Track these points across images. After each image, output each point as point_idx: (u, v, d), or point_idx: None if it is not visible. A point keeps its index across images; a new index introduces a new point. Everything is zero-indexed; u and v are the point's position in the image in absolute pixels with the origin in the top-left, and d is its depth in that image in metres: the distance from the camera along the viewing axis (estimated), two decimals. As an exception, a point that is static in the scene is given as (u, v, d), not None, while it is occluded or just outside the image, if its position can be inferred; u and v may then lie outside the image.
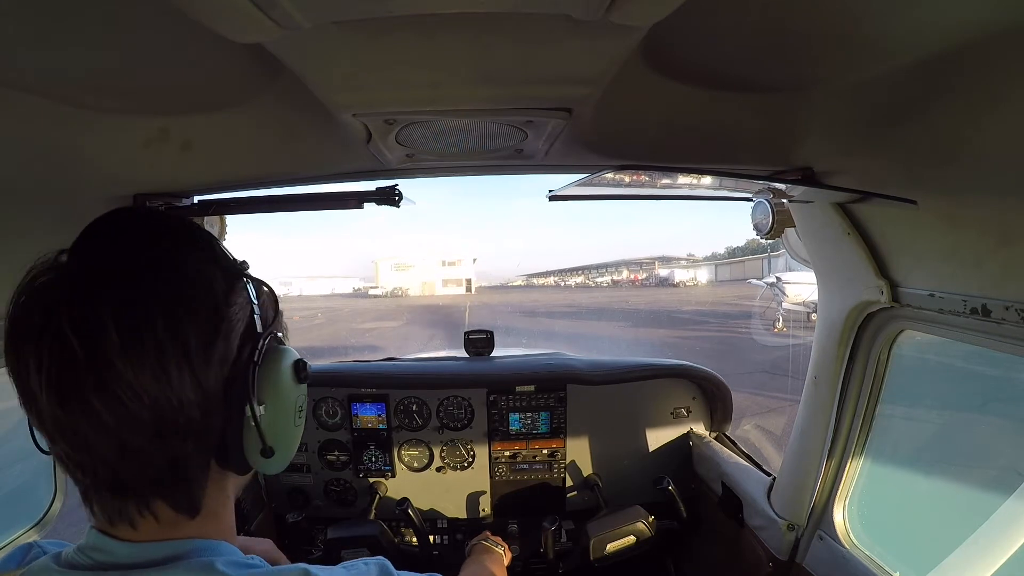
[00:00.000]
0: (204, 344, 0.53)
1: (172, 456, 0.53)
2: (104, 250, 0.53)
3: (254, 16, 0.54)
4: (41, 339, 0.48)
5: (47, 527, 1.56)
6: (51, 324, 0.48)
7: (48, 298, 0.49)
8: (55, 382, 0.48)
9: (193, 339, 0.52)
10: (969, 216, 0.88)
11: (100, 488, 0.52)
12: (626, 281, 65.75)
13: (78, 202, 1.11)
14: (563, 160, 1.28)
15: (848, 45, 0.73)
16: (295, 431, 0.65)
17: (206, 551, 0.55)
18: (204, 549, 0.55)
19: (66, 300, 0.49)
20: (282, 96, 0.84)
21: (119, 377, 0.48)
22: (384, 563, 0.65)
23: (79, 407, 0.48)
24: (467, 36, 0.67)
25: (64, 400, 0.48)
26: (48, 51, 0.61)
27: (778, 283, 15.58)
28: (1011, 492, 1.16)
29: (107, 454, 0.50)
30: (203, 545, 0.55)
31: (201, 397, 0.52)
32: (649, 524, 1.66)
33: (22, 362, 0.49)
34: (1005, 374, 1.30)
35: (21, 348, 0.49)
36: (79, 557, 0.54)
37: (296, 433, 0.65)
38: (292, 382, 0.62)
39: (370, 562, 0.65)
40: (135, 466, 0.51)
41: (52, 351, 0.47)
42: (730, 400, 2.10)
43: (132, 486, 0.52)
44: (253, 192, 1.34)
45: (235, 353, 0.56)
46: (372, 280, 75.33)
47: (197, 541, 0.55)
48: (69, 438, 0.49)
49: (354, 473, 2.07)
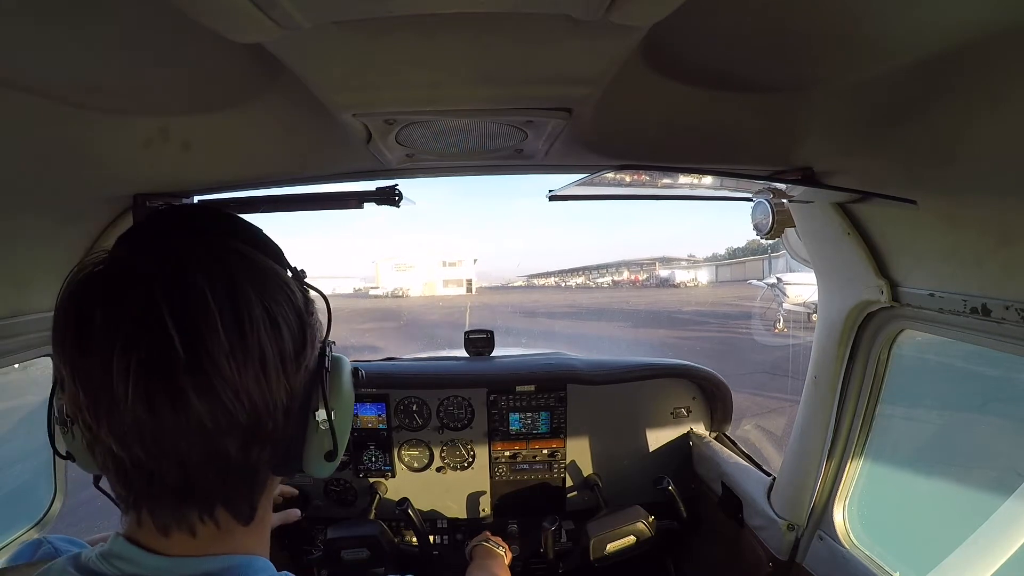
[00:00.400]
0: (296, 350, 0.53)
1: (253, 462, 0.52)
2: (191, 242, 0.51)
3: (254, 16, 0.54)
4: (133, 336, 0.45)
5: (47, 527, 1.56)
6: (147, 317, 0.45)
7: (140, 287, 0.46)
8: (146, 383, 0.45)
9: (288, 344, 0.52)
10: (969, 216, 0.88)
11: (163, 495, 0.50)
12: (626, 282, 65.72)
13: (78, 202, 1.11)
14: (563, 160, 1.28)
15: (848, 45, 0.73)
16: (348, 435, 0.66)
17: (241, 568, 0.53)
18: (239, 567, 0.53)
19: (165, 292, 0.46)
20: (282, 96, 0.84)
21: (224, 378, 0.46)
22: None
23: (173, 411, 0.45)
24: (467, 36, 0.67)
25: (155, 404, 0.45)
26: (48, 51, 0.61)
27: (778, 284, 15.59)
28: (1011, 492, 1.16)
29: (190, 459, 0.48)
30: (238, 562, 0.53)
31: (289, 402, 0.53)
32: (649, 524, 1.65)
33: (98, 362, 0.45)
34: (1005, 374, 1.30)
35: (101, 346, 0.45)
36: (102, 565, 0.51)
37: (348, 437, 0.66)
38: (351, 388, 0.64)
39: None
40: (214, 472, 0.49)
41: (148, 350, 0.45)
42: (730, 400, 2.10)
43: (202, 493, 0.50)
44: (253, 192, 1.34)
45: (316, 359, 0.57)
46: (372, 280, 75.30)
47: (233, 557, 0.53)
48: (147, 443, 0.46)
49: (354, 473, 2.06)
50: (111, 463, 0.49)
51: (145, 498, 0.50)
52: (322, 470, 0.60)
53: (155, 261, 0.48)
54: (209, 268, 0.48)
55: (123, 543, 0.52)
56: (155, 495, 0.50)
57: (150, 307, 0.45)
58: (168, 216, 0.55)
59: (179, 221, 0.55)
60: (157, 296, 0.45)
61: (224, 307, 0.47)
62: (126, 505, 0.51)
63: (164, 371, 0.45)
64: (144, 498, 0.50)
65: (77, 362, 0.47)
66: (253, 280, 0.50)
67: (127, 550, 0.51)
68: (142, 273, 0.47)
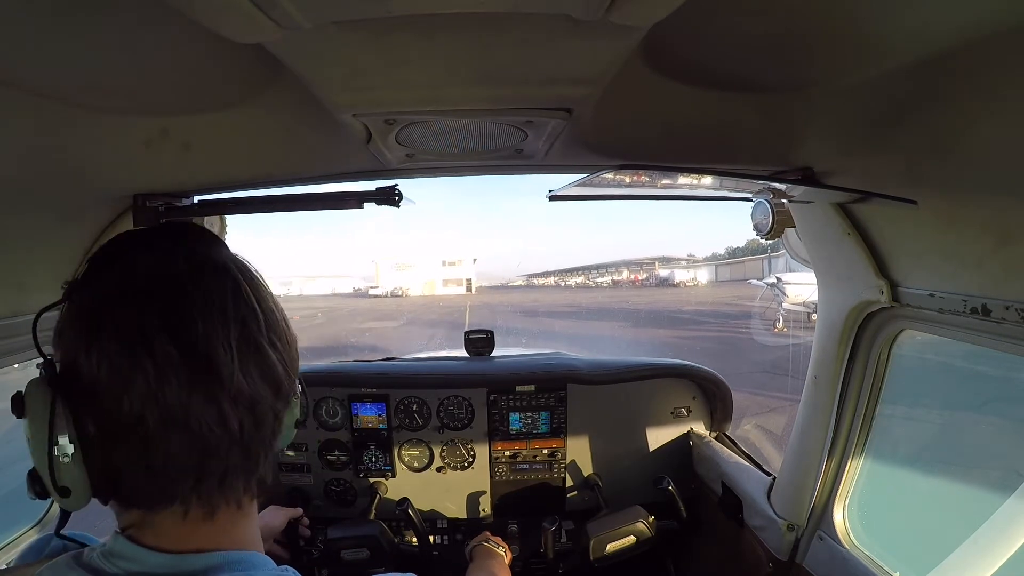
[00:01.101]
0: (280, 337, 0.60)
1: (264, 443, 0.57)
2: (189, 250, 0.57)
3: (254, 16, 0.54)
4: (225, 313, 0.53)
5: (47, 527, 1.56)
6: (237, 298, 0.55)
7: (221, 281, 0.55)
8: (243, 355, 0.53)
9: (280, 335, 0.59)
10: (969, 216, 0.88)
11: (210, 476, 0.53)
12: (626, 281, 65.73)
13: (78, 202, 1.11)
14: (563, 160, 1.28)
15: (848, 45, 0.73)
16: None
17: (244, 563, 0.54)
18: (239, 562, 0.54)
19: (240, 274, 0.57)
20: (282, 96, 0.84)
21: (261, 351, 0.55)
22: None
23: (262, 375, 0.54)
24: (467, 36, 0.67)
25: (249, 371, 0.53)
26: (48, 51, 0.61)
27: (778, 283, 15.59)
28: (1011, 492, 1.16)
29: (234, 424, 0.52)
30: (238, 557, 0.54)
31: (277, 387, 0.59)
32: (649, 524, 1.65)
33: (196, 344, 0.50)
34: (1005, 374, 1.30)
35: (192, 327, 0.51)
36: (103, 563, 0.52)
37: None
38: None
39: None
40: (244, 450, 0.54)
41: (241, 323, 0.53)
42: (730, 400, 2.10)
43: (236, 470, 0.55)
44: (253, 192, 1.34)
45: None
46: (372, 280, 75.35)
47: (232, 553, 0.54)
48: (242, 415, 0.52)
49: (354, 473, 2.06)
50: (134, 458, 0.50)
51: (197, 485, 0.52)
52: (287, 439, 0.66)
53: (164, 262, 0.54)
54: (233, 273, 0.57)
55: (124, 542, 0.52)
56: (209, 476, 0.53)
57: (239, 292, 0.55)
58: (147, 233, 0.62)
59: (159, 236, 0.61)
60: (239, 283, 0.56)
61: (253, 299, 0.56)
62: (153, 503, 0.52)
63: (253, 343, 0.54)
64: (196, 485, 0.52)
65: (168, 355, 0.49)
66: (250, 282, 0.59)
67: (128, 548, 0.52)
68: (223, 263, 0.57)
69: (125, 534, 0.53)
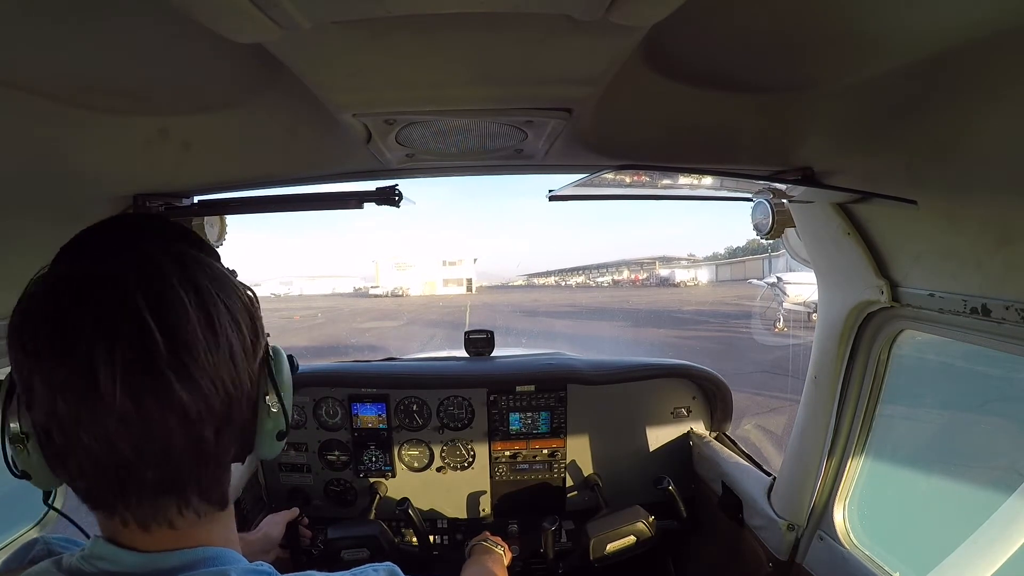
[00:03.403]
0: (252, 342, 0.57)
1: (223, 447, 0.55)
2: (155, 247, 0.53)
3: (254, 16, 0.54)
4: (115, 333, 0.46)
5: (47, 527, 1.56)
6: (127, 314, 0.47)
7: (116, 287, 0.48)
8: (132, 378, 0.47)
9: (247, 337, 0.56)
10: (969, 215, 0.88)
11: (143, 491, 0.51)
12: (627, 281, 65.75)
13: (78, 202, 1.11)
14: (563, 160, 1.28)
15: (848, 45, 0.73)
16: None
17: (217, 560, 0.55)
18: (215, 558, 0.55)
19: (142, 290, 0.48)
20: (282, 96, 0.84)
21: (200, 367, 0.50)
22: (393, 568, 0.65)
23: (157, 402, 0.48)
24: (467, 36, 0.67)
25: (140, 397, 0.47)
26: (48, 51, 0.61)
27: (779, 283, 15.58)
28: (1011, 492, 1.16)
29: (172, 448, 0.50)
30: (213, 554, 0.55)
31: (250, 389, 0.57)
32: (649, 524, 1.65)
33: (81, 360, 0.46)
34: (1005, 374, 1.30)
35: (85, 343, 0.46)
36: (82, 565, 0.52)
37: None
38: (289, 374, 0.68)
39: (379, 567, 0.65)
40: (191, 459, 0.52)
41: (129, 346, 0.47)
42: (730, 400, 2.10)
43: (180, 483, 0.52)
44: (253, 192, 1.34)
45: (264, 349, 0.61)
46: (372, 280, 75.35)
47: (208, 549, 0.55)
48: (134, 437, 0.48)
49: (354, 473, 2.07)
50: (89, 467, 0.49)
51: (125, 496, 0.51)
52: (272, 450, 0.64)
53: (125, 264, 0.50)
54: (176, 270, 0.52)
55: (103, 544, 0.53)
56: (135, 491, 0.51)
57: (129, 307, 0.48)
58: (113, 224, 0.57)
59: (125, 228, 0.58)
60: (135, 296, 0.48)
61: (196, 305, 0.51)
62: (103, 507, 0.52)
63: (149, 366, 0.47)
64: (123, 496, 0.51)
65: (56, 366, 0.47)
66: (212, 281, 0.54)
67: (106, 550, 0.53)
68: (116, 275, 0.49)
69: (104, 535, 0.54)
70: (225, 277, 0.57)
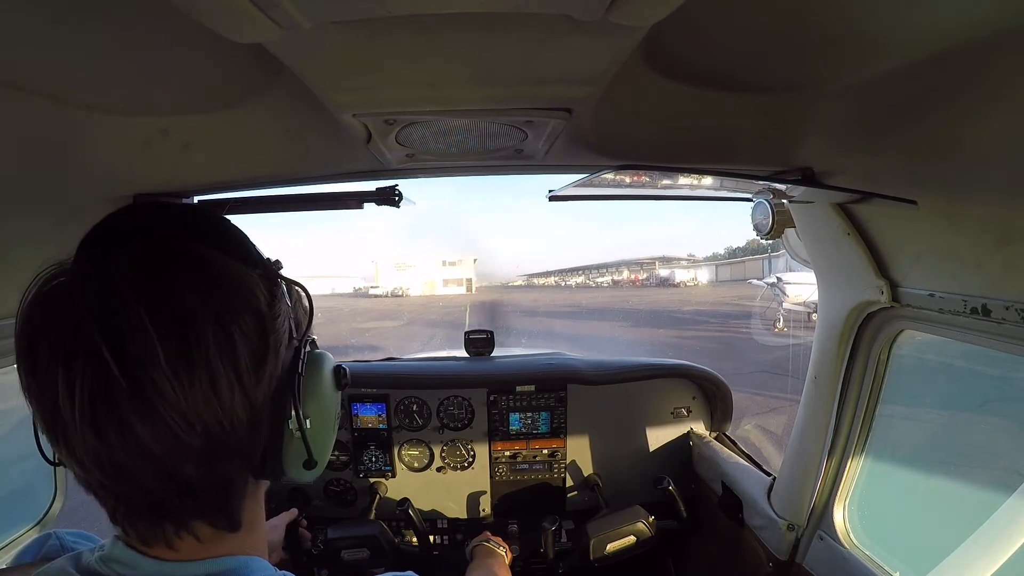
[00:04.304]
0: (256, 361, 0.49)
1: (219, 478, 0.50)
2: (131, 254, 0.46)
3: (254, 16, 0.54)
4: (72, 361, 0.42)
5: (47, 527, 1.57)
6: (82, 342, 0.42)
7: (72, 310, 0.43)
8: (91, 411, 0.42)
9: (244, 356, 0.47)
10: (969, 215, 0.88)
11: (134, 512, 0.49)
12: (627, 281, 65.73)
13: (78, 202, 1.11)
14: (563, 160, 1.28)
15: (848, 45, 0.73)
16: (332, 439, 0.62)
17: (241, 569, 0.52)
18: (238, 568, 0.52)
19: (96, 314, 0.43)
20: (282, 96, 0.84)
21: (168, 403, 0.43)
22: None
23: (121, 438, 0.43)
24: (467, 36, 0.67)
25: (102, 431, 0.43)
26: (48, 51, 0.61)
27: (778, 283, 15.58)
28: (1011, 492, 1.16)
29: (150, 483, 0.46)
30: (237, 563, 0.52)
31: (251, 415, 0.49)
32: (649, 524, 1.65)
33: (46, 385, 0.43)
34: (1005, 374, 1.30)
35: (45, 369, 0.43)
36: (100, 568, 0.50)
37: (332, 440, 0.62)
38: (332, 389, 0.60)
39: None
40: (179, 492, 0.47)
41: (87, 376, 0.42)
42: (730, 400, 2.10)
43: (172, 510, 0.49)
44: (253, 192, 1.34)
45: (284, 365, 0.53)
46: (372, 280, 75.30)
47: (231, 559, 0.52)
48: (105, 469, 0.44)
49: (354, 473, 2.06)
50: (82, 477, 0.47)
51: (120, 514, 0.49)
52: (307, 476, 0.57)
53: (87, 278, 0.45)
54: (147, 285, 0.44)
55: (122, 547, 0.51)
56: (128, 513, 0.49)
57: (82, 335, 0.42)
58: (119, 217, 0.51)
59: (128, 223, 0.51)
60: (88, 324, 0.42)
61: (164, 326, 0.43)
62: (111, 518, 0.50)
63: (105, 397, 0.42)
64: (119, 514, 0.49)
65: (30, 382, 0.45)
66: (202, 289, 0.46)
67: (126, 554, 0.51)
68: (74, 293, 0.44)
69: (122, 538, 0.52)
70: (230, 280, 0.49)
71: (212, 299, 0.46)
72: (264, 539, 0.60)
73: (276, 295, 0.53)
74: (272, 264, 0.56)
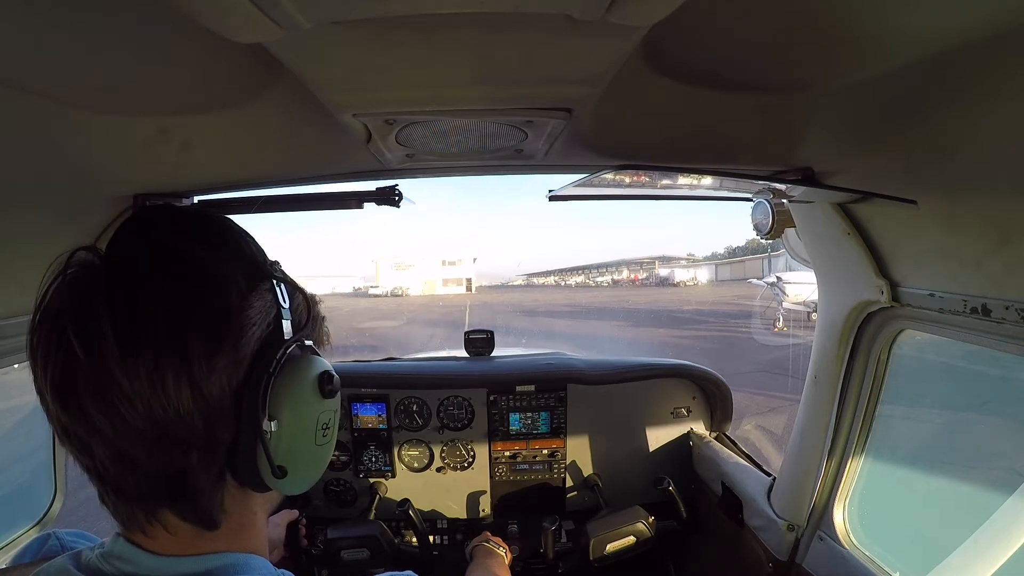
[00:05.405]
0: (208, 351, 0.49)
1: (173, 467, 0.50)
2: (118, 251, 0.51)
3: (254, 16, 0.54)
4: (49, 341, 0.47)
5: (47, 527, 1.56)
6: (58, 327, 0.47)
7: (57, 301, 0.49)
8: (57, 385, 0.47)
9: (195, 344, 0.48)
10: (969, 215, 0.88)
11: (108, 491, 0.51)
12: (626, 281, 65.76)
13: (78, 202, 1.11)
14: (563, 160, 1.28)
15: (848, 45, 0.73)
16: (317, 451, 0.58)
17: (239, 567, 0.53)
18: (236, 565, 0.53)
19: (69, 307, 0.48)
20: (282, 96, 0.84)
21: (116, 384, 0.46)
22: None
23: (77, 412, 0.47)
24: (467, 36, 0.67)
25: (65, 404, 0.47)
26: (48, 51, 0.61)
27: (778, 283, 15.57)
28: (1011, 492, 1.16)
29: (106, 460, 0.48)
30: (235, 560, 0.53)
31: (204, 407, 0.49)
32: (649, 524, 1.65)
33: (34, 361, 0.49)
34: (1005, 374, 1.30)
35: (35, 348, 0.49)
36: (101, 564, 0.51)
37: (319, 453, 0.59)
38: (314, 396, 0.56)
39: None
40: (135, 474, 0.49)
41: (57, 355, 0.47)
42: (730, 400, 2.10)
43: (134, 493, 0.50)
44: (253, 192, 1.34)
45: (249, 361, 0.52)
46: (372, 279, 75.30)
47: (229, 556, 0.53)
48: (73, 440, 0.49)
49: (354, 473, 2.07)
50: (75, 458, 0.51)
51: (103, 493, 0.51)
52: (282, 487, 0.55)
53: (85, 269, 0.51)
54: (120, 271, 0.49)
55: (123, 543, 0.52)
56: (105, 491, 0.51)
57: (61, 313, 0.48)
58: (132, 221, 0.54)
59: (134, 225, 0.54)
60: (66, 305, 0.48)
61: (120, 309, 0.47)
62: (99, 499, 0.52)
63: (68, 373, 0.47)
64: (102, 493, 0.51)
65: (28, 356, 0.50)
66: (165, 277, 0.49)
67: (126, 550, 0.51)
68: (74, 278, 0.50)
69: (124, 535, 0.53)
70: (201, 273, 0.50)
71: (173, 290, 0.48)
72: (264, 543, 0.60)
73: (257, 290, 0.54)
74: (270, 264, 0.57)
